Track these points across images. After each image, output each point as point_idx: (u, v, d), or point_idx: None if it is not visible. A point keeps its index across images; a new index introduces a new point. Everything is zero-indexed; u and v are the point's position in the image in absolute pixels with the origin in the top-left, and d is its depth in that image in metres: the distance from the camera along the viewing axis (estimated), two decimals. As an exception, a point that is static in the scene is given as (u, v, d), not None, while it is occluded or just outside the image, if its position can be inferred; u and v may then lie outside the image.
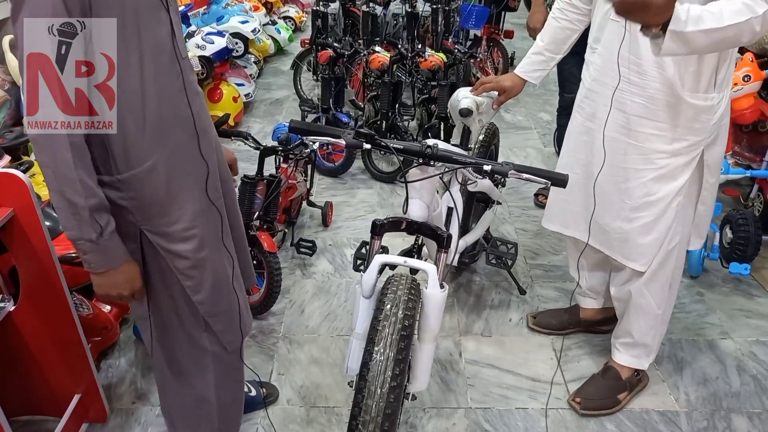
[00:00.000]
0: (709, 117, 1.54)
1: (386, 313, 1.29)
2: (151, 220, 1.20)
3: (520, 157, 3.57)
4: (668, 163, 1.58)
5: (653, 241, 1.67)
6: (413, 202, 1.52)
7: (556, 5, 1.86)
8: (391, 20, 4.18)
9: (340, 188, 3.23)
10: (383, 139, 1.42)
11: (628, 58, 1.53)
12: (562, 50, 1.89)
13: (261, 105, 4.32)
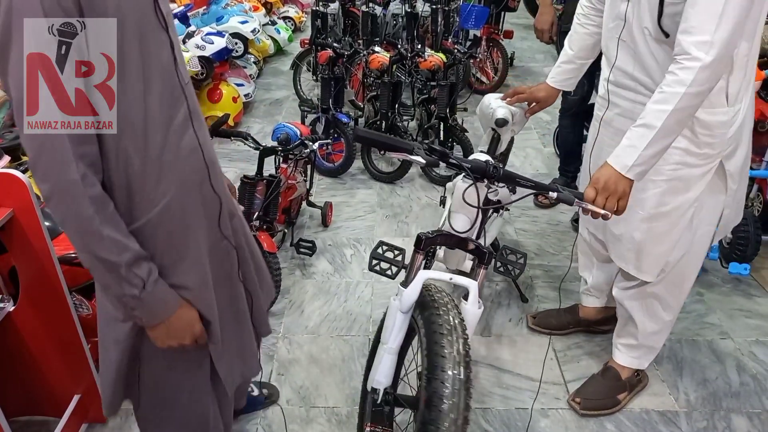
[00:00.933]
0: (724, 131, 1.49)
1: (449, 332, 1.25)
2: (165, 270, 1.08)
3: (519, 157, 3.57)
4: (682, 174, 1.55)
5: (664, 252, 1.64)
6: (458, 216, 1.52)
7: (579, 10, 1.81)
8: (391, 20, 4.18)
9: (340, 188, 3.23)
10: (455, 157, 1.38)
11: (635, 78, 1.52)
12: (592, 55, 1.84)
13: (261, 105, 4.32)
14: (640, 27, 1.46)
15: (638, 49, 1.49)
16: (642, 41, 1.48)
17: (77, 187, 0.92)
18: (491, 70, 4.46)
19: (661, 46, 1.44)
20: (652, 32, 1.43)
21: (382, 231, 2.85)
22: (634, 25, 1.48)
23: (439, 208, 2.95)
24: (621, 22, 1.52)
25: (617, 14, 1.53)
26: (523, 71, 5.00)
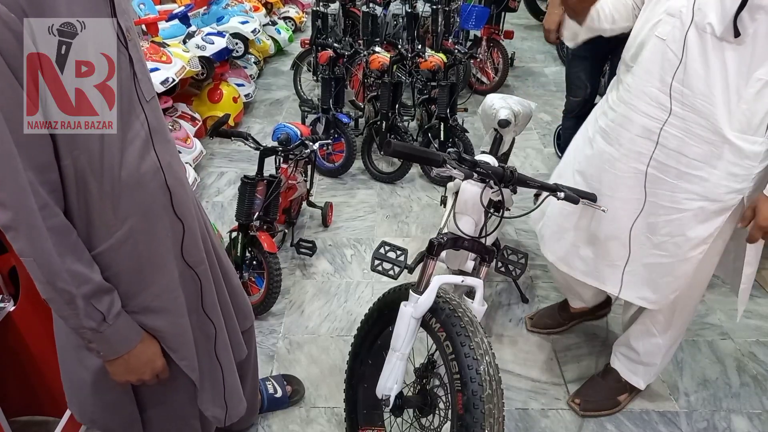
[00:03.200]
0: (754, 164, 1.36)
1: (473, 333, 1.28)
2: (130, 298, 1.06)
3: (520, 158, 3.57)
4: (699, 206, 1.42)
5: (669, 283, 1.55)
6: (465, 218, 1.52)
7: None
8: (391, 21, 4.18)
9: (340, 188, 3.23)
10: (483, 166, 1.38)
11: (670, 85, 1.37)
12: (626, 24, 1.58)
13: (261, 105, 4.32)
14: (701, 24, 1.28)
15: (688, 53, 1.32)
16: (697, 44, 1.30)
17: (36, 217, 0.88)
18: (492, 71, 4.46)
19: (722, 51, 1.28)
20: (718, 30, 1.26)
21: (382, 231, 2.85)
22: (690, 23, 1.30)
23: (439, 208, 2.95)
24: (671, 19, 1.34)
25: (667, 9, 1.35)
26: (523, 71, 5.00)
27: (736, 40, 1.25)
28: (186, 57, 3.11)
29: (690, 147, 1.39)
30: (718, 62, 1.29)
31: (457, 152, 1.37)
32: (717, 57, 1.29)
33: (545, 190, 1.42)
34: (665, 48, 1.36)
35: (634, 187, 1.50)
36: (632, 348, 1.81)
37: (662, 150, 1.43)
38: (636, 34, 1.48)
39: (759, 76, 1.29)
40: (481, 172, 1.38)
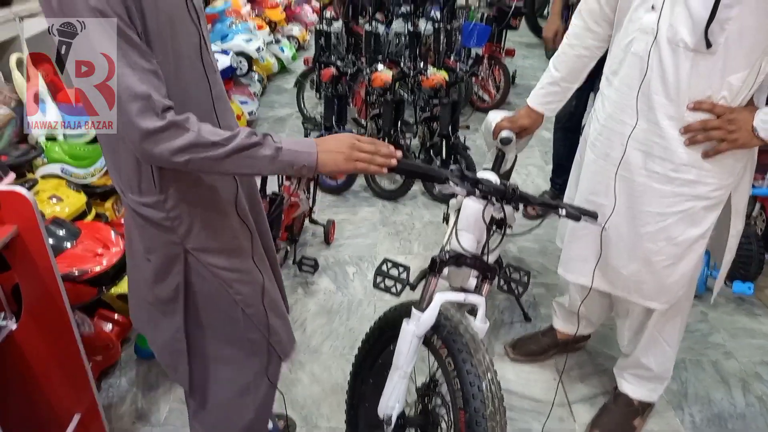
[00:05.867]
0: (734, 162, 1.46)
1: (475, 351, 1.30)
2: (197, 236, 1.18)
3: (522, 175, 3.58)
4: (690, 206, 1.49)
5: (675, 282, 1.60)
6: (467, 235, 1.52)
7: (571, 30, 1.72)
8: (394, 39, 4.22)
9: (343, 206, 3.24)
10: (482, 183, 1.40)
11: (649, 96, 1.44)
12: (579, 79, 1.76)
13: (264, 123, 4.35)
14: (673, 40, 1.36)
15: (664, 66, 1.39)
16: (671, 57, 1.38)
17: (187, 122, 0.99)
18: (493, 88, 4.49)
19: (695, 62, 1.35)
20: (691, 43, 1.33)
21: (384, 249, 2.85)
22: (663, 39, 1.38)
23: (441, 225, 2.95)
24: (645, 36, 1.42)
25: (640, 27, 1.43)
26: (525, 89, 5.03)
27: (709, 50, 1.32)
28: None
29: (676, 153, 1.45)
30: (694, 72, 1.36)
31: (459, 169, 1.38)
32: (692, 67, 1.36)
33: (547, 208, 1.42)
34: (642, 63, 1.43)
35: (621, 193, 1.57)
36: (644, 366, 1.81)
37: (648, 157, 1.49)
38: (614, 53, 1.57)
39: (732, 81, 1.36)
40: (483, 189, 1.39)
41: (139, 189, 1.13)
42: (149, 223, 1.16)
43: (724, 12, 1.26)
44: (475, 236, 1.54)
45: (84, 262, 1.78)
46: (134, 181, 1.12)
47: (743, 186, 1.54)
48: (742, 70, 1.35)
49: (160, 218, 1.15)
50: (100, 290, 1.82)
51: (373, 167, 1.13)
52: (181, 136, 0.97)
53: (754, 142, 1.39)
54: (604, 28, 1.65)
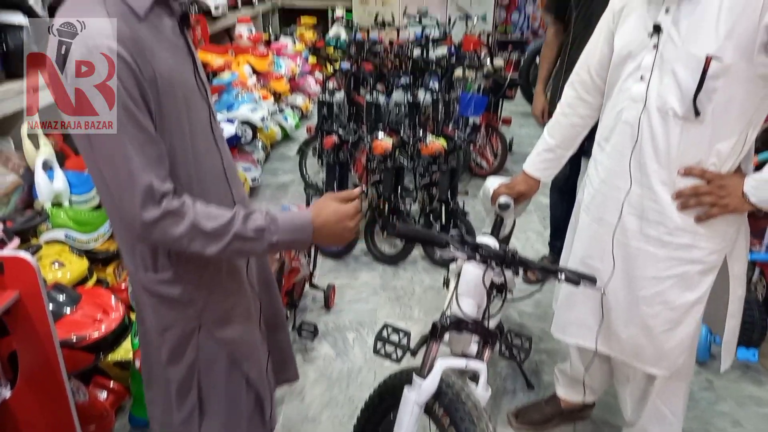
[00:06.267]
0: (727, 227, 1.48)
1: (479, 419, 1.29)
2: (213, 309, 1.19)
3: (521, 240, 3.61)
4: (685, 270, 1.50)
5: (674, 348, 1.59)
6: (467, 300, 1.53)
7: (564, 100, 1.79)
8: (394, 109, 4.36)
9: (343, 270, 3.24)
10: (482, 247, 1.43)
11: (642, 162, 1.48)
12: (573, 146, 1.82)
13: (267, 189, 4.43)
14: (663, 109, 1.42)
15: (654, 133, 1.44)
16: (661, 125, 1.43)
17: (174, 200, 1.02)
18: (491, 155, 4.59)
19: (685, 129, 1.40)
20: (680, 112, 1.39)
21: (385, 314, 2.83)
22: (652, 107, 1.44)
23: (442, 290, 2.95)
24: (635, 104, 1.48)
25: (630, 96, 1.49)
26: (521, 156, 5.11)
27: (698, 118, 1.37)
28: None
29: (670, 217, 1.48)
30: (684, 139, 1.41)
31: (459, 234, 1.41)
32: (682, 134, 1.41)
33: (546, 273, 1.43)
34: (632, 130, 1.49)
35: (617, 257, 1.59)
36: None
37: (643, 222, 1.52)
38: (605, 120, 1.62)
39: (720, 148, 1.41)
40: (483, 253, 1.41)
41: (154, 266, 1.14)
42: (165, 300, 1.17)
43: (710, 83, 1.33)
44: (475, 301, 1.55)
45: (83, 328, 1.77)
46: (149, 259, 1.13)
47: (738, 250, 1.56)
48: (730, 138, 1.40)
49: (178, 294, 1.15)
50: (97, 357, 1.80)
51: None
52: (178, 224, 1.00)
53: (745, 207, 1.43)
54: (596, 98, 1.72)
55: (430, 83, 4.23)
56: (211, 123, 1.18)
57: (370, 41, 5.38)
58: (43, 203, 2.35)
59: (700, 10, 1.34)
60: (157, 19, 1.04)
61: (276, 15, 7.86)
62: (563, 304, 1.82)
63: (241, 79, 4.65)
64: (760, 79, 1.33)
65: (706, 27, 1.32)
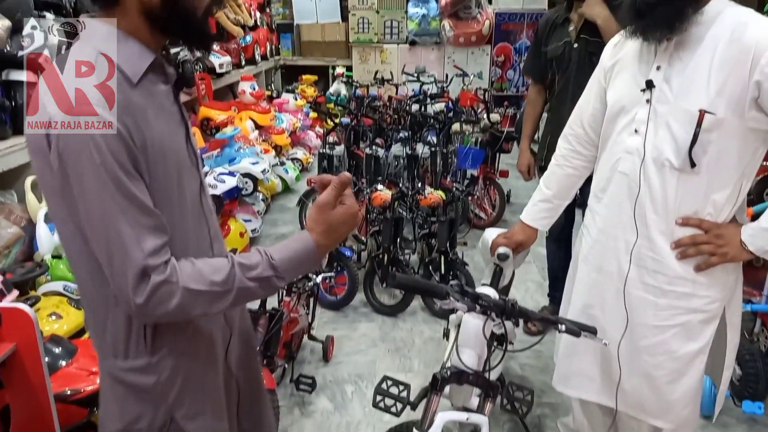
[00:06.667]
0: (726, 275, 1.50)
1: None
2: (186, 400, 1.09)
3: (520, 291, 3.59)
4: (687, 320, 1.51)
5: (679, 399, 1.58)
6: (468, 352, 1.52)
7: (559, 152, 1.83)
8: (393, 161, 4.44)
9: (342, 321, 3.22)
10: (482, 298, 1.42)
11: (640, 213, 1.51)
12: (569, 196, 1.86)
13: (266, 240, 4.44)
14: (659, 160, 1.45)
15: (651, 184, 1.48)
16: (657, 176, 1.46)
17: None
18: (489, 207, 4.63)
19: (682, 180, 1.44)
20: (676, 163, 1.42)
21: (384, 366, 2.79)
22: (649, 159, 1.47)
23: (442, 341, 2.91)
24: (631, 156, 1.51)
25: (625, 149, 1.53)
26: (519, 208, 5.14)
27: (694, 170, 1.41)
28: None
29: (669, 266, 1.49)
30: (680, 189, 1.44)
31: (459, 285, 1.41)
32: (678, 185, 1.44)
33: (546, 323, 1.43)
34: (629, 181, 1.52)
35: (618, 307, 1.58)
36: None
37: (642, 271, 1.53)
38: (601, 172, 1.66)
39: (716, 199, 1.44)
40: (483, 304, 1.41)
41: (126, 352, 1.03)
42: (134, 391, 1.05)
43: (705, 135, 1.37)
44: (476, 352, 1.53)
45: (77, 381, 1.75)
46: (121, 343, 1.03)
47: (736, 299, 1.57)
48: (725, 189, 1.43)
49: (150, 384, 1.04)
50: (91, 411, 1.76)
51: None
52: (172, 296, 0.93)
53: (744, 255, 1.44)
54: (590, 150, 1.76)
55: (429, 137, 4.32)
56: (200, 194, 1.12)
57: (370, 97, 5.53)
58: (44, 255, 2.36)
59: (691, 67, 1.39)
60: (151, 84, 1.00)
61: (278, 72, 8.10)
62: (564, 355, 1.81)
63: (243, 133, 4.76)
64: (752, 132, 1.38)
65: (698, 84, 1.38)
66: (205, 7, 1.01)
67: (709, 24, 1.37)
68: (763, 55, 1.29)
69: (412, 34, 7.40)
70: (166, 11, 0.96)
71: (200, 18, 1.01)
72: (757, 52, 1.30)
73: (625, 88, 1.54)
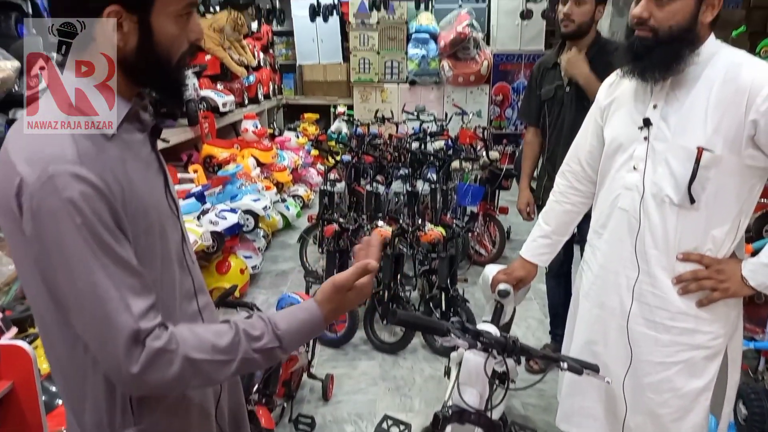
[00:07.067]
0: (728, 310, 1.51)
1: None
2: None
3: (522, 328, 3.57)
4: (690, 356, 1.51)
5: None
6: (469, 390, 1.51)
7: (557, 188, 1.85)
8: (393, 198, 4.47)
9: (342, 359, 3.18)
10: (484, 335, 1.41)
11: (642, 248, 1.52)
12: (568, 232, 1.87)
13: (267, 276, 4.43)
14: (659, 196, 1.47)
15: (651, 220, 1.49)
16: (657, 212, 1.48)
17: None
18: (489, 243, 4.64)
19: (682, 215, 1.45)
20: (676, 199, 1.44)
21: (384, 405, 2.74)
22: (648, 195, 1.49)
23: (443, 380, 2.87)
24: (630, 192, 1.53)
25: (624, 185, 1.54)
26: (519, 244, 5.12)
27: (693, 206, 1.42)
28: (198, 232, 3.29)
29: (672, 302, 1.50)
30: (680, 225, 1.46)
31: (460, 321, 1.41)
32: (678, 220, 1.46)
33: (548, 361, 1.42)
34: (629, 217, 1.54)
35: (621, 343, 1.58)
36: None
37: (644, 306, 1.53)
38: (600, 208, 1.67)
39: (716, 234, 1.45)
40: (485, 341, 1.40)
41: (111, 425, 0.96)
42: None
43: (703, 172, 1.40)
44: (477, 390, 1.52)
45: (74, 419, 1.73)
46: (105, 416, 0.96)
47: (737, 335, 1.57)
48: (724, 225, 1.45)
49: None
50: (86, 451, 1.73)
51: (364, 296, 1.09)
52: (171, 364, 0.87)
53: (745, 290, 1.45)
54: (588, 186, 1.78)
55: (428, 174, 4.36)
56: (183, 245, 1.07)
57: (371, 135, 5.61)
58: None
59: (687, 106, 1.43)
60: (127, 134, 0.95)
61: (281, 111, 8.25)
62: (567, 393, 1.78)
63: (245, 170, 4.81)
64: (748, 169, 1.40)
65: (695, 122, 1.41)
66: (179, 56, 0.97)
67: (704, 64, 1.42)
68: (759, 95, 1.33)
69: (412, 74, 7.57)
70: (140, 60, 0.93)
71: (174, 67, 0.97)
72: (752, 92, 1.34)
73: (622, 126, 1.57)
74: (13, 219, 0.85)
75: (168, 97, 1.04)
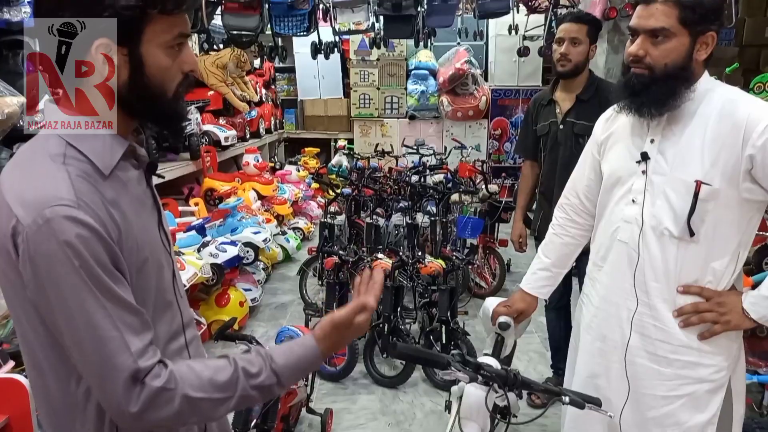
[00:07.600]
0: (730, 343, 1.51)
1: None
2: None
3: (523, 361, 3.53)
4: (694, 390, 1.50)
5: None
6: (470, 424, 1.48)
7: (556, 221, 1.86)
8: (393, 230, 4.48)
9: (341, 393, 3.14)
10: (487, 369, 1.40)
11: (643, 281, 1.53)
12: (568, 264, 1.87)
13: (266, 309, 4.41)
14: (658, 229, 1.48)
15: (651, 253, 1.50)
16: (657, 244, 1.49)
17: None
18: (489, 276, 4.63)
19: (681, 248, 1.46)
20: (675, 232, 1.45)
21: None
22: (647, 228, 1.50)
23: (444, 414, 2.83)
24: (629, 225, 1.54)
25: (623, 218, 1.56)
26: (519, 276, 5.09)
27: (693, 238, 1.44)
28: (198, 264, 3.29)
29: (674, 335, 1.49)
30: (680, 257, 1.47)
31: (461, 354, 1.40)
32: (678, 253, 1.47)
33: (550, 395, 1.41)
34: (629, 249, 1.54)
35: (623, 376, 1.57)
36: None
37: (646, 339, 1.53)
38: (599, 240, 1.68)
39: (715, 267, 1.46)
40: (486, 374, 1.39)
41: None
42: None
43: (702, 205, 1.41)
44: (479, 425, 1.49)
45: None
46: None
47: (740, 368, 1.56)
48: (723, 257, 1.46)
49: None
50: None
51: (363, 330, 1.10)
52: (170, 402, 0.88)
53: (747, 323, 1.45)
54: (586, 219, 1.80)
55: (428, 207, 4.39)
56: (173, 281, 1.07)
57: (371, 168, 5.66)
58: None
59: (684, 141, 1.46)
60: (123, 172, 0.95)
61: (282, 145, 8.34)
62: (570, 428, 1.76)
63: (246, 203, 4.84)
64: (746, 202, 1.42)
65: (692, 156, 1.44)
66: (175, 88, 0.97)
67: (699, 100, 1.45)
68: (755, 130, 1.36)
69: (411, 109, 7.69)
70: (133, 92, 0.92)
71: (170, 100, 0.97)
72: (748, 127, 1.37)
73: (620, 160, 1.60)
74: (8, 259, 0.86)
75: (166, 129, 1.04)
